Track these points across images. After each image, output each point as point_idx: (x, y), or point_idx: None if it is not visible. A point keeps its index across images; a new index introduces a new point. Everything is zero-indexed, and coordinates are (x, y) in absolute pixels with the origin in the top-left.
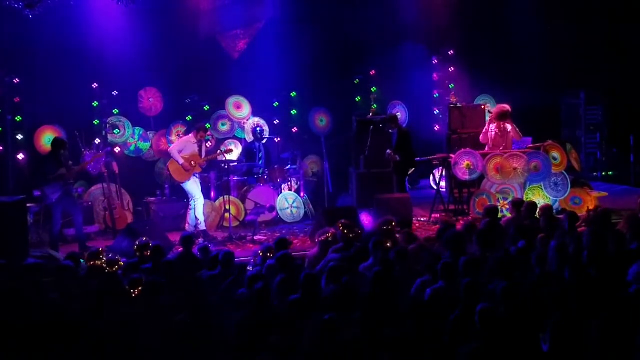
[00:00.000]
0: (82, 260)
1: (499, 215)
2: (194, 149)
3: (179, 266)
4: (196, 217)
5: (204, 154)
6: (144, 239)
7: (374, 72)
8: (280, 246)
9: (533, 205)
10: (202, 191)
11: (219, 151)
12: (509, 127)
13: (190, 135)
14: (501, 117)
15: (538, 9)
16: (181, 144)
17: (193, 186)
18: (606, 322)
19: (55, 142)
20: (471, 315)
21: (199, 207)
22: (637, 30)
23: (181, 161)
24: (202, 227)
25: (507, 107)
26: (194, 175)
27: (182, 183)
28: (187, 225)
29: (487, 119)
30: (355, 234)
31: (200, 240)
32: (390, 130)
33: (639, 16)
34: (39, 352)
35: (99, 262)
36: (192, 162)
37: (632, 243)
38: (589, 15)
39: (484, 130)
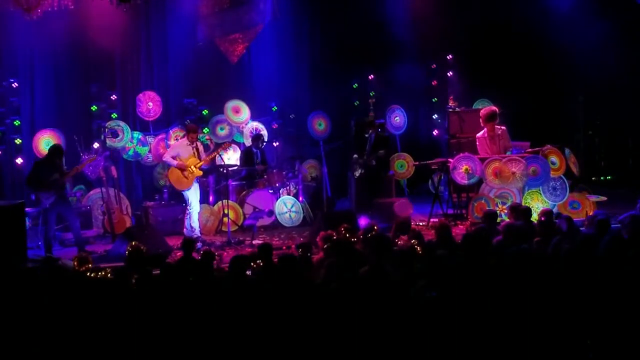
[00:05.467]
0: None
1: (498, 219)
2: (189, 152)
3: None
4: (191, 226)
5: (203, 155)
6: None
7: (372, 76)
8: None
9: (527, 210)
10: (201, 195)
11: (216, 151)
12: (499, 131)
13: (183, 139)
14: (489, 118)
15: (537, 11)
16: (174, 150)
17: (192, 194)
18: None
19: (53, 149)
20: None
21: (194, 216)
22: (636, 32)
23: (175, 163)
24: (197, 234)
25: (494, 108)
26: (196, 181)
27: (183, 191)
28: (185, 229)
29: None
30: (356, 237)
31: (199, 244)
32: (367, 135)
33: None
34: (38, 353)
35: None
36: (192, 167)
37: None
38: (586, 17)
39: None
